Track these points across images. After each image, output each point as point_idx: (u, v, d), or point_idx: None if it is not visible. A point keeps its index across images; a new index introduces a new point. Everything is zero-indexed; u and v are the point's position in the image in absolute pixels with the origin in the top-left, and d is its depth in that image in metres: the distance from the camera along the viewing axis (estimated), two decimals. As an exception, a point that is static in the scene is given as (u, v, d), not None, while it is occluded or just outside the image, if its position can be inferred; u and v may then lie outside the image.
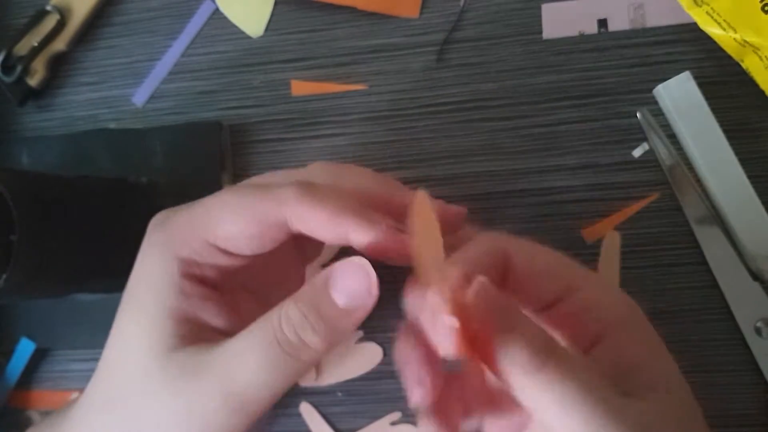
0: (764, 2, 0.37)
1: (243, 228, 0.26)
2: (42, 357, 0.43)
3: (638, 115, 0.39)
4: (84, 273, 0.36)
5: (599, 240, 0.39)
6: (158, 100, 0.45)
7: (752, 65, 0.37)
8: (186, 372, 0.25)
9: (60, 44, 0.45)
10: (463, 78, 0.41)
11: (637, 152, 0.39)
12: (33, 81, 0.44)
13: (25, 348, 0.43)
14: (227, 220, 0.26)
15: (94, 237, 0.36)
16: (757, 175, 0.37)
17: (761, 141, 0.38)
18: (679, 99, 0.37)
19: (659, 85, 0.38)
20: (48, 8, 0.44)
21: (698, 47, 0.39)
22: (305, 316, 0.25)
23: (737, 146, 0.37)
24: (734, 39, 0.37)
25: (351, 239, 0.26)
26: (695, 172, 0.38)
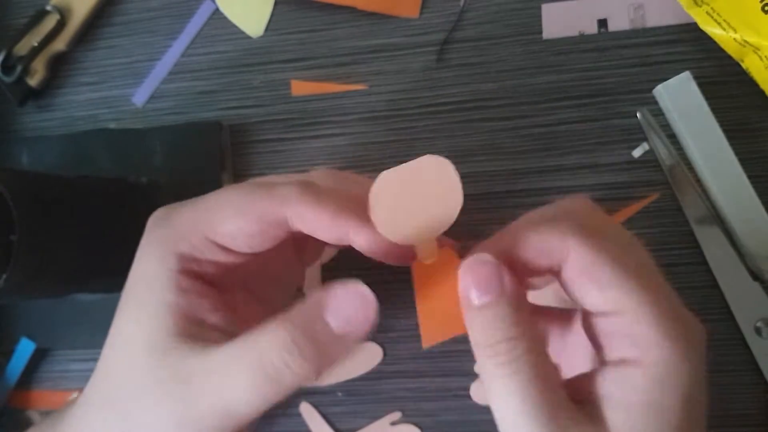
0: (764, 2, 0.37)
1: (243, 225, 0.26)
2: (42, 357, 0.43)
3: (638, 115, 0.39)
4: (84, 273, 0.36)
5: (599, 240, 0.39)
6: (158, 100, 0.45)
7: (752, 65, 0.37)
8: (178, 376, 0.25)
9: (60, 44, 0.45)
10: (463, 78, 0.41)
11: (637, 152, 0.39)
12: (33, 81, 0.44)
13: (25, 348, 0.43)
14: (228, 217, 0.26)
15: (94, 237, 0.36)
16: (757, 175, 0.37)
17: (761, 141, 0.38)
18: (679, 99, 0.38)
19: (659, 85, 0.38)
20: (48, 8, 0.44)
21: (698, 47, 0.39)
22: (294, 340, 0.24)
23: (737, 146, 0.37)
24: (734, 39, 0.37)
25: (351, 240, 0.26)
26: (695, 172, 0.38)
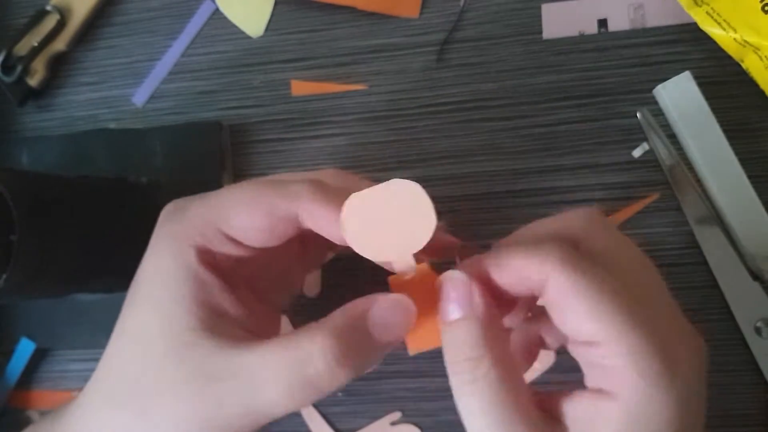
0: (764, 2, 0.37)
1: (255, 218, 0.26)
2: (42, 357, 0.43)
3: (638, 115, 0.39)
4: (84, 273, 0.36)
5: (599, 240, 0.39)
6: (158, 100, 0.45)
7: (752, 65, 0.37)
8: (206, 374, 0.25)
9: (60, 44, 0.45)
10: (463, 78, 0.41)
11: (637, 152, 0.39)
12: (33, 81, 0.44)
13: (25, 348, 0.43)
14: (241, 210, 0.27)
15: (94, 237, 0.36)
16: (757, 175, 0.37)
17: (761, 141, 0.38)
18: (679, 99, 0.38)
19: (659, 85, 0.38)
20: (48, 8, 0.44)
21: (698, 47, 0.39)
22: (339, 347, 0.24)
23: (737, 146, 0.37)
24: (734, 39, 0.37)
25: None
26: (695, 172, 0.38)
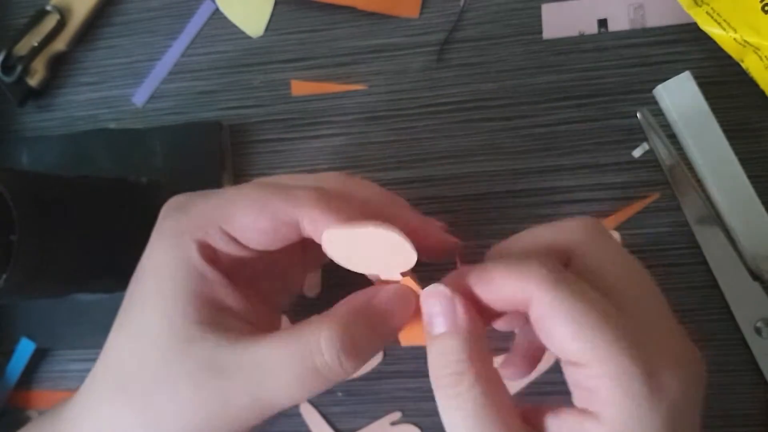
0: (764, 2, 0.37)
1: (257, 220, 0.27)
2: (42, 357, 0.43)
3: (638, 115, 0.39)
4: (84, 273, 0.36)
5: (599, 240, 0.39)
6: (158, 100, 0.45)
7: (752, 65, 0.37)
8: (212, 367, 0.25)
9: (60, 44, 0.45)
10: (463, 78, 0.41)
11: (637, 152, 0.39)
12: (33, 81, 0.44)
13: (25, 348, 0.43)
14: (244, 210, 0.27)
15: (94, 237, 0.36)
16: (757, 175, 0.37)
17: (761, 141, 0.38)
18: (679, 99, 0.37)
19: (659, 85, 0.38)
20: (48, 8, 0.44)
21: (698, 47, 0.39)
22: (347, 337, 0.25)
23: (737, 146, 0.37)
24: (734, 39, 0.37)
25: None
26: (695, 172, 0.38)
